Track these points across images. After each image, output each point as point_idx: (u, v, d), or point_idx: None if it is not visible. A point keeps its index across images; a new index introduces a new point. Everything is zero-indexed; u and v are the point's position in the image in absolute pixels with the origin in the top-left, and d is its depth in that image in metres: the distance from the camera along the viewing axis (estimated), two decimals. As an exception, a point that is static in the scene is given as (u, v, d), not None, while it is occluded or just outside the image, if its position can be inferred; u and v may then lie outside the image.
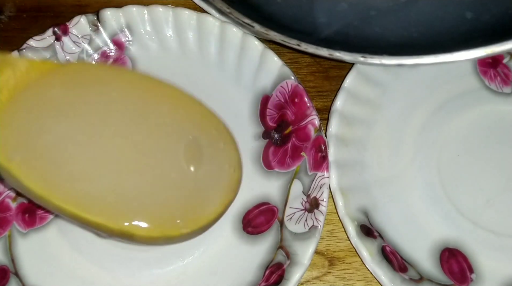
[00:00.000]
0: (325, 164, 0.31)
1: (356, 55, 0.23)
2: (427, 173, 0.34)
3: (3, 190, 0.34)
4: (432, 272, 0.31)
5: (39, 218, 0.33)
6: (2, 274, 0.31)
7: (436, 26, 0.25)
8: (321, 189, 0.31)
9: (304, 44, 0.24)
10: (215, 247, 0.32)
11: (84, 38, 0.37)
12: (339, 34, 0.26)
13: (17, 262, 0.32)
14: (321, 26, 0.25)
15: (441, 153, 0.35)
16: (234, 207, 0.33)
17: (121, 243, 0.32)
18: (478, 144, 0.35)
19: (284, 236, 0.31)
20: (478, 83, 0.37)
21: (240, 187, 0.33)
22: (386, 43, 0.25)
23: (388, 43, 0.25)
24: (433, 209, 0.33)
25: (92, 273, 0.32)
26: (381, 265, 0.30)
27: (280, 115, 0.34)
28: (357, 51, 0.24)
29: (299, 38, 0.25)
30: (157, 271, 0.32)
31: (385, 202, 0.33)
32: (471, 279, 0.31)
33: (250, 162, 0.34)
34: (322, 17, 0.25)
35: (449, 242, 0.32)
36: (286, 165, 0.33)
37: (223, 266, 0.32)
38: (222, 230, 0.33)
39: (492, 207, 0.33)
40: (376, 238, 0.31)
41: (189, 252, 0.32)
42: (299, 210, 0.32)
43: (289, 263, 0.30)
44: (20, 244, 0.33)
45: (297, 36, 0.25)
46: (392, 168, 0.34)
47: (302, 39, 0.24)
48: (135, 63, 0.38)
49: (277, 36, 0.24)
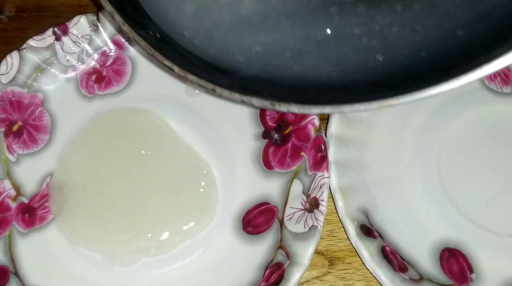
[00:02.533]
0: (325, 164, 0.31)
1: (265, 102, 0.23)
2: (427, 173, 0.34)
3: (3, 190, 0.34)
4: (432, 272, 0.31)
5: (39, 218, 0.33)
6: (2, 274, 0.31)
7: (351, 68, 0.26)
8: (321, 189, 0.31)
9: (218, 88, 0.24)
10: (215, 247, 0.32)
11: (84, 38, 0.37)
12: (264, 72, 0.26)
13: (17, 262, 0.32)
14: (243, 65, 0.26)
15: (441, 153, 0.35)
16: (234, 207, 0.33)
17: (121, 242, 0.32)
18: (478, 144, 0.35)
19: (284, 236, 0.31)
20: (478, 83, 0.37)
21: (240, 187, 0.34)
22: (310, 83, 0.26)
23: (312, 83, 0.26)
24: (433, 209, 0.33)
25: (92, 273, 0.32)
26: (381, 265, 0.30)
27: (280, 115, 0.34)
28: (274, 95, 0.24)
29: (223, 77, 0.25)
30: (157, 271, 0.32)
31: (385, 202, 0.33)
32: (471, 279, 0.31)
33: (250, 162, 0.34)
34: (240, 57, 0.26)
35: (449, 242, 0.32)
36: (286, 165, 0.33)
37: (223, 266, 0.32)
38: (222, 230, 0.33)
39: (492, 207, 0.33)
40: (376, 238, 0.31)
41: (189, 252, 0.32)
42: (299, 210, 0.32)
43: (289, 263, 0.30)
44: (20, 244, 0.33)
45: (220, 75, 0.26)
46: (392, 168, 0.34)
47: (219, 81, 0.25)
48: (135, 63, 0.38)
49: (195, 80, 0.25)
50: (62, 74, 0.37)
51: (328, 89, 0.26)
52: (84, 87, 0.37)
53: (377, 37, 0.26)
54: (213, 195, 0.33)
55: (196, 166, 0.34)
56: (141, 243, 0.32)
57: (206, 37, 0.26)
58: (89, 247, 0.32)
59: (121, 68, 0.37)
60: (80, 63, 0.37)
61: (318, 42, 0.26)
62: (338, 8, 0.26)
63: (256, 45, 0.26)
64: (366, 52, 0.26)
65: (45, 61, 0.36)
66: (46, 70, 0.36)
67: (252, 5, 0.26)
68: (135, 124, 0.36)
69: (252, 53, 0.26)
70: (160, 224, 0.32)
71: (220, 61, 0.26)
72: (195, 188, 0.33)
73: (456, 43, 0.25)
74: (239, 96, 0.24)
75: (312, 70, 0.26)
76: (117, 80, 0.37)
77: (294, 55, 0.26)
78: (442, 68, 0.24)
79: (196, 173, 0.34)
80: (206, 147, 0.35)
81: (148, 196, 0.33)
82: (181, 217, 0.33)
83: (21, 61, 0.35)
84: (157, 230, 0.32)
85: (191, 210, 0.33)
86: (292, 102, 0.23)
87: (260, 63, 0.26)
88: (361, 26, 0.26)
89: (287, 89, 0.26)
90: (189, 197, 0.33)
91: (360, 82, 0.26)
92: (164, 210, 0.33)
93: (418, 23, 0.26)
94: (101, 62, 0.37)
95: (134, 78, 0.37)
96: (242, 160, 0.34)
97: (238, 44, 0.26)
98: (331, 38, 0.26)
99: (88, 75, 0.37)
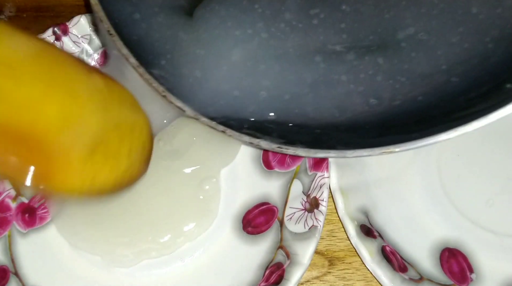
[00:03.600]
0: (325, 164, 0.31)
1: (273, 145, 0.24)
2: (427, 173, 0.34)
3: (3, 190, 0.34)
4: (432, 272, 0.31)
5: (39, 218, 0.33)
6: (2, 274, 0.31)
7: (350, 110, 0.27)
8: (321, 189, 0.31)
9: (229, 131, 0.25)
10: (215, 247, 0.32)
11: (84, 38, 0.37)
12: (274, 117, 0.27)
13: (17, 262, 0.32)
14: (254, 114, 0.27)
15: (441, 153, 0.35)
16: (234, 207, 0.33)
17: (121, 245, 0.32)
18: (478, 144, 0.35)
19: (284, 236, 0.31)
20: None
21: (240, 187, 0.34)
22: (315, 123, 0.27)
23: (317, 123, 0.27)
24: (433, 209, 0.33)
25: (92, 273, 0.32)
26: (381, 265, 0.30)
27: (280, 115, 0.34)
28: (288, 135, 0.25)
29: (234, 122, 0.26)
30: (157, 271, 0.32)
31: (385, 202, 0.33)
32: (471, 279, 0.31)
33: (250, 162, 0.34)
34: (251, 106, 0.27)
35: (449, 242, 0.32)
36: (286, 165, 0.33)
37: (223, 266, 0.32)
38: (222, 230, 0.33)
39: (492, 207, 0.33)
40: (376, 238, 0.31)
41: (189, 252, 0.32)
42: (299, 210, 0.32)
43: (289, 263, 0.30)
44: (20, 244, 0.33)
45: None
46: (392, 168, 0.34)
47: (229, 122, 0.25)
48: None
49: (206, 122, 0.25)
50: (62, 74, 0.37)
51: (332, 129, 0.26)
52: (84, 87, 0.37)
53: (363, 84, 0.27)
54: (216, 197, 0.33)
55: (203, 171, 0.34)
56: (141, 245, 0.32)
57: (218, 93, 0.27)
58: (89, 249, 0.32)
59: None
60: (80, 63, 0.37)
61: (309, 85, 0.27)
62: (322, 57, 0.27)
63: (263, 91, 0.27)
64: (358, 97, 0.27)
65: (45, 61, 0.36)
66: (46, 70, 0.36)
67: (239, 51, 0.27)
68: None
69: (260, 99, 0.27)
70: (161, 226, 0.32)
71: (230, 113, 0.27)
72: (198, 191, 0.33)
73: (449, 90, 0.26)
74: (248, 139, 0.24)
75: (314, 112, 0.27)
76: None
77: (293, 97, 0.27)
78: (444, 113, 0.25)
79: (202, 178, 0.34)
80: (206, 147, 0.35)
81: (149, 198, 0.33)
82: (182, 219, 0.33)
83: (21, 61, 0.35)
84: (157, 232, 0.32)
85: (192, 212, 0.33)
86: (298, 145, 0.24)
87: (267, 108, 0.27)
88: (347, 74, 0.27)
89: (294, 128, 0.26)
90: (191, 199, 0.33)
91: (364, 123, 0.26)
92: (165, 212, 0.33)
93: (401, 75, 0.26)
94: (101, 62, 0.37)
95: (134, 78, 0.37)
96: (242, 159, 0.34)
97: (247, 94, 0.27)
98: (321, 83, 0.27)
99: (88, 75, 0.37)
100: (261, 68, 0.27)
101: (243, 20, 0.28)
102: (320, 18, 0.28)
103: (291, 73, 0.27)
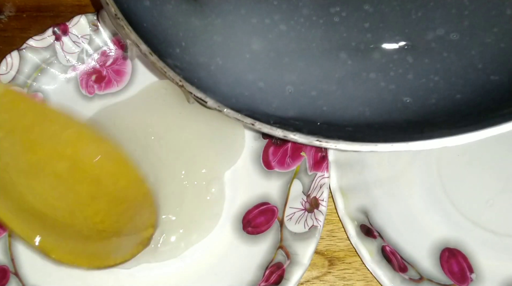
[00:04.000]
0: (325, 164, 0.31)
1: (311, 138, 0.22)
2: (427, 173, 0.34)
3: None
4: (432, 272, 0.31)
5: (39, 218, 0.33)
6: (2, 274, 0.31)
7: (381, 108, 0.26)
8: (321, 189, 0.31)
9: (258, 123, 0.22)
10: (215, 247, 0.32)
11: (84, 38, 0.37)
12: (298, 113, 0.25)
13: (17, 262, 0.32)
14: (279, 109, 0.25)
15: (441, 153, 0.34)
16: (234, 207, 0.33)
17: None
18: (478, 144, 0.35)
19: (284, 236, 0.31)
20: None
21: (240, 187, 0.34)
22: (345, 121, 0.25)
23: (347, 121, 0.25)
24: (433, 209, 0.33)
25: (91, 273, 0.32)
26: (381, 265, 0.30)
27: (280, 115, 0.34)
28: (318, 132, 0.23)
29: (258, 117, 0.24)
30: (157, 272, 0.32)
31: (385, 202, 0.33)
32: (471, 279, 0.31)
33: (250, 162, 0.34)
34: (275, 101, 0.25)
35: (449, 242, 0.32)
36: (286, 165, 0.33)
37: (223, 266, 0.32)
38: (222, 230, 0.33)
39: (492, 207, 0.33)
40: (376, 238, 0.31)
41: (189, 252, 0.32)
42: (299, 210, 0.32)
43: (289, 263, 0.30)
44: (20, 244, 0.33)
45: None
46: (392, 168, 0.34)
47: (258, 118, 0.23)
48: (135, 63, 0.38)
49: (231, 113, 0.23)
50: (62, 74, 0.37)
51: (365, 127, 0.25)
52: (84, 87, 0.37)
53: (395, 83, 0.26)
54: (220, 200, 0.33)
55: (210, 174, 0.34)
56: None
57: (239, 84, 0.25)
58: None
59: (121, 68, 0.37)
60: (80, 63, 0.37)
61: (337, 82, 0.26)
62: (347, 54, 0.26)
63: (289, 85, 0.25)
64: (390, 95, 0.26)
65: (45, 61, 0.36)
66: (46, 70, 0.36)
67: (259, 40, 0.26)
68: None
69: (286, 94, 0.25)
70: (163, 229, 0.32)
71: (254, 107, 0.25)
72: (204, 195, 0.33)
73: (490, 87, 0.25)
74: (281, 132, 0.22)
75: (342, 110, 0.25)
76: (117, 80, 0.37)
77: (320, 94, 0.25)
78: (486, 111, 0.24)
79: (209, 180, 0.33)
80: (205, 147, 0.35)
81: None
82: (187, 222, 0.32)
83: (21, 61, 0.35)
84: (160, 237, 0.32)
85: (196, 216, 0.33)
86: (339, 139, 0.22)
87: (293, 104, 0.25)
88: (376, 71, 0.26)
89: (323, 126, 0.25)
90: (196, 202, 0.33)
91: (398, 121, 0.25)
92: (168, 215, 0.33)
93: (434, 74, 0.26)
94: (101, 62, 0.37)
95: (134, 78, 0.37)
96: (242, 159, 0.34)
97: (272, 87, 0.25)
98: (349, 80, 0.26)
99: (88, 75, 0.37)
100: (285, 61, 0.26)
101: (258, 9, 0.26)
102: (342, 16, 0.27)
103: (316, 68, 0.26)
